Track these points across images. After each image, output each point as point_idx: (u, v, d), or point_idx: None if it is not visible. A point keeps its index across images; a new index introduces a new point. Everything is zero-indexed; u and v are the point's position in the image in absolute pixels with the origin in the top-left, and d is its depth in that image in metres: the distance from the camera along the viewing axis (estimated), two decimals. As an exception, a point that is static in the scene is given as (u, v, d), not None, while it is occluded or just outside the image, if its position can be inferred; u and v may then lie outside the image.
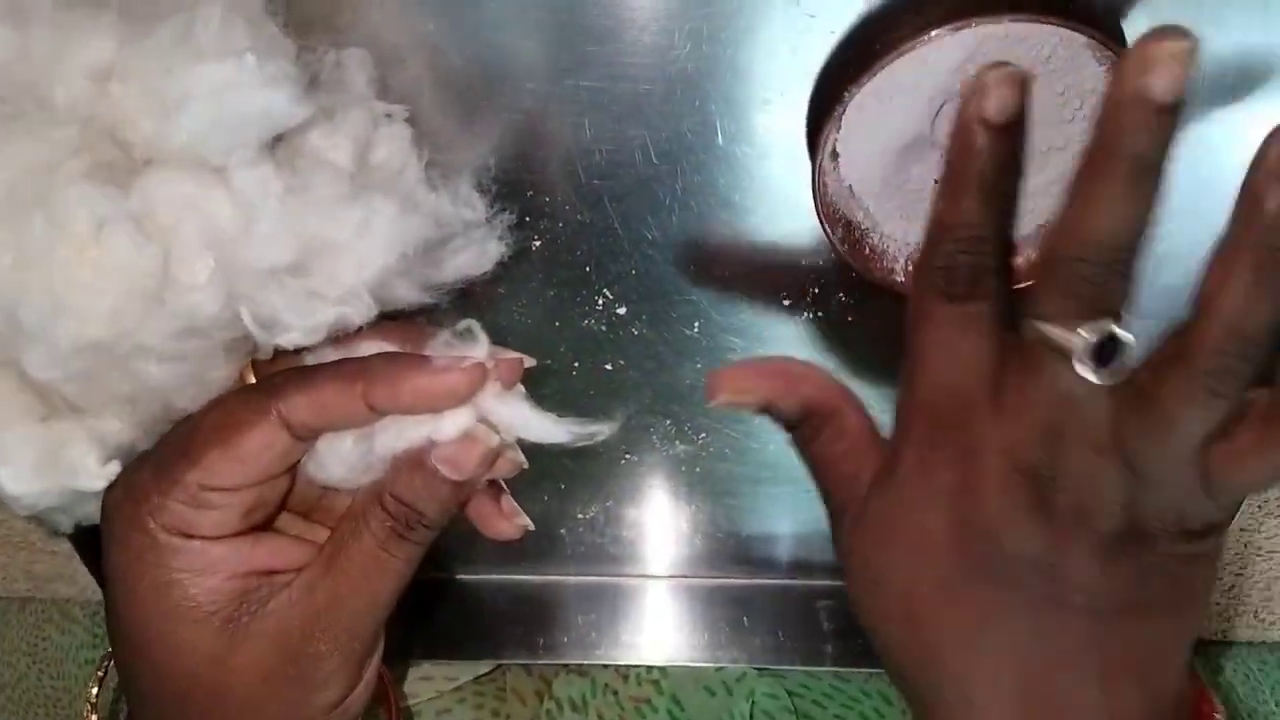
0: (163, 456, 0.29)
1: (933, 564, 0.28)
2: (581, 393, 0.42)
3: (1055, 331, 0.25)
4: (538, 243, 0.37)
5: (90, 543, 0.34)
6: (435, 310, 0.34)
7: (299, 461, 0.31)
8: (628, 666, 0.48)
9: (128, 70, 0.27)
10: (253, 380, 0.31)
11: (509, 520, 0.32)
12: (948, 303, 0.26)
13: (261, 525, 0.31)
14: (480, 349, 0.30)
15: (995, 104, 0.24)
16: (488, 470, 0.30)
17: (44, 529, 0.48)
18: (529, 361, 0.31)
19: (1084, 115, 0.33)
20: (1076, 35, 0.30)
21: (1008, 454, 0.26)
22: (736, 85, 0.33)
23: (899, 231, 0.36)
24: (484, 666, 0.49)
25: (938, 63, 0.32)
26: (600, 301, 0.39)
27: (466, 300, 0.38)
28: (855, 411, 0.30)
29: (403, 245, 0.29)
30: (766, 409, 0.30)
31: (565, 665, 0.48)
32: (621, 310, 0.39)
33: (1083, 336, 0.25)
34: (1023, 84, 0.24)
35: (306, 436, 0.29)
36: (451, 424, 0.29)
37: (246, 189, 0.27)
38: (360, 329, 0.31)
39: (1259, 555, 0.47)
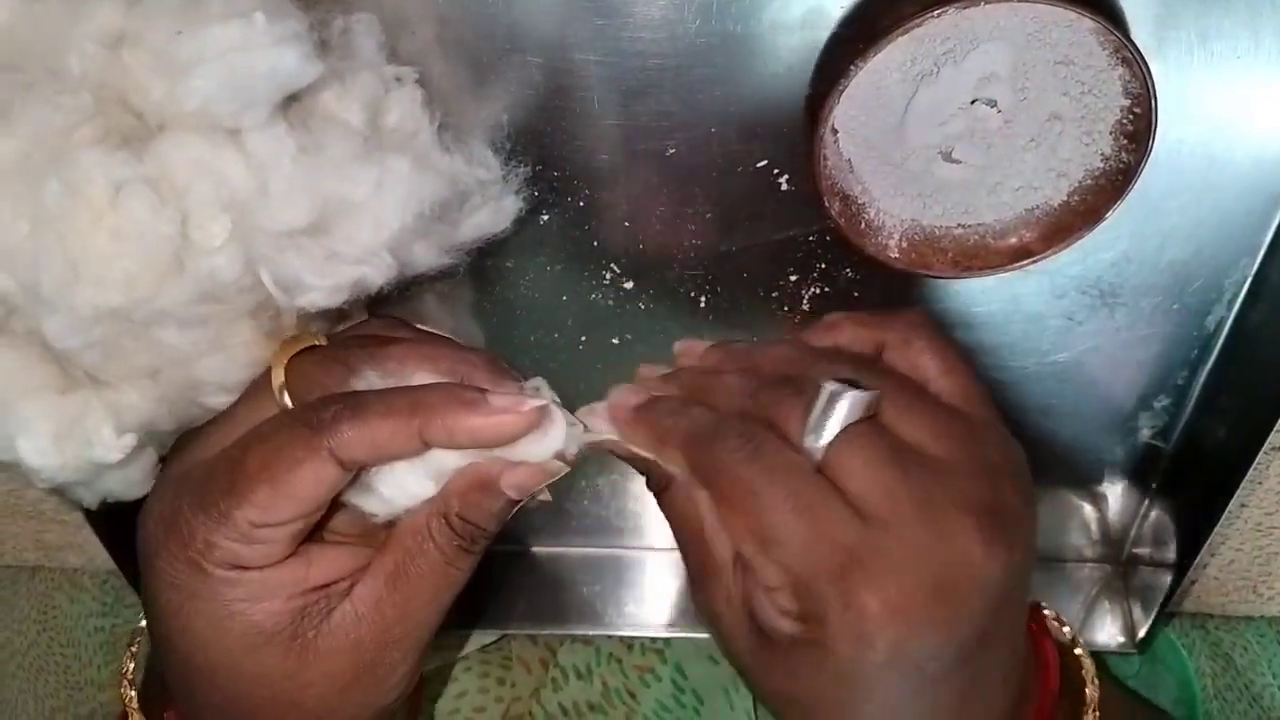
0: (205, 492, 0.28)
1: None
2: (589, 367, 0.42)
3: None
4: (545, 217, 0.37)
5: (103, 513, 0.34)
6: (452, 277, 0.34)
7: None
8: (632, 636, 0.49)
9: (138, 35, 0.27)
10: (278, 375, 0.30)
11: None
12: None
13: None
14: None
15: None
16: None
17: (57, 498, 0.48)
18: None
19: (1078, 95, 0.33)
20: (1083, 19, 0.30)
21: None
22: (745, 60, 0.33)
23: (895, 207, 0.36)
24: (490, 636, 0.49)
25: (941, 40, 0.32)
26: (608, 276, 0.39)
27: (475, 274, 0.38)
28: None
29: (419, 204, 0.29)
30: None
31: (570, 635, 0.49)
32: (628, 285, 0.39)
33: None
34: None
35: (355, 470, 0.29)
36: (533, 452, 0.30)
37: (260, 150, 0.27)
38: (403, 348, 0.31)
39: (1258, 530, 0.47)
